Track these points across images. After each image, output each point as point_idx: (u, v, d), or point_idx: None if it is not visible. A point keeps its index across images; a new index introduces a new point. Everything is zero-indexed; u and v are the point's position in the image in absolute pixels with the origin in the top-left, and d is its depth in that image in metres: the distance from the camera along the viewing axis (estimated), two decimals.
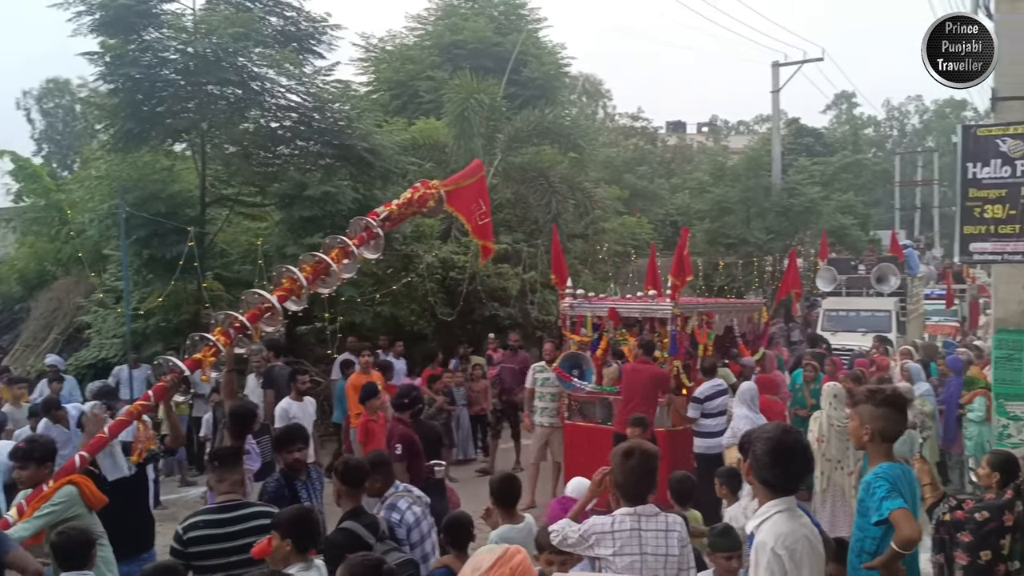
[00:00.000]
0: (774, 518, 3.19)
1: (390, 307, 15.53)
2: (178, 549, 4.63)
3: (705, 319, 11.66)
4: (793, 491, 3.38)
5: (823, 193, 29.29)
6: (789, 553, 3.07)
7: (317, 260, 7.15)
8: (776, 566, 3.06)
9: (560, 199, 17.25)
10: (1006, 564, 5.10)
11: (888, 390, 4.33)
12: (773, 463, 3.31)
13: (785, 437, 3.40)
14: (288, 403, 10.34)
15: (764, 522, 3.19)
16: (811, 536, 3.25)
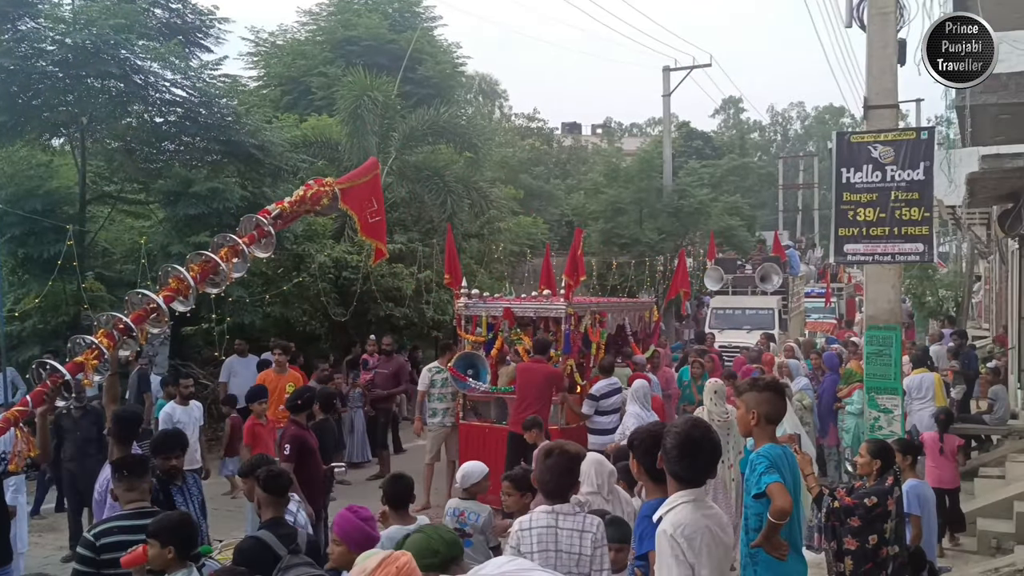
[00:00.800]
0: (678, 508, 3.29)
1: (280, 307, 15.21)
2: (89, 556, 4.52)
3: (598, 318, 11.88)
4: (700, 483, 3.48)
5: (712, 195, 30.23)
6: (687, 541, 3.18)
7: (205, 259, 6.99)
8: (675, 552, 3.15)
9: (455, 198, 17.24)
10: (888, 547, 5.39)
11: (767, 377, 4.60)
12: (681, 456, 3.43)
13: (693, 431, 3.53)
14: (172, 407, 10.09)
15: (669, 512, 3.27)
16: (714, 527, 3.35)
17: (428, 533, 3.08)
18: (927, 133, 7.41)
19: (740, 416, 4.60)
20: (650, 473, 4.01)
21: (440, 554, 2.94)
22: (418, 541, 2.97)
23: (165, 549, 4.17)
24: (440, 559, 2.92)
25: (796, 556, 4.34)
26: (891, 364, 7.52)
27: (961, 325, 23.63)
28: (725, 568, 3.47)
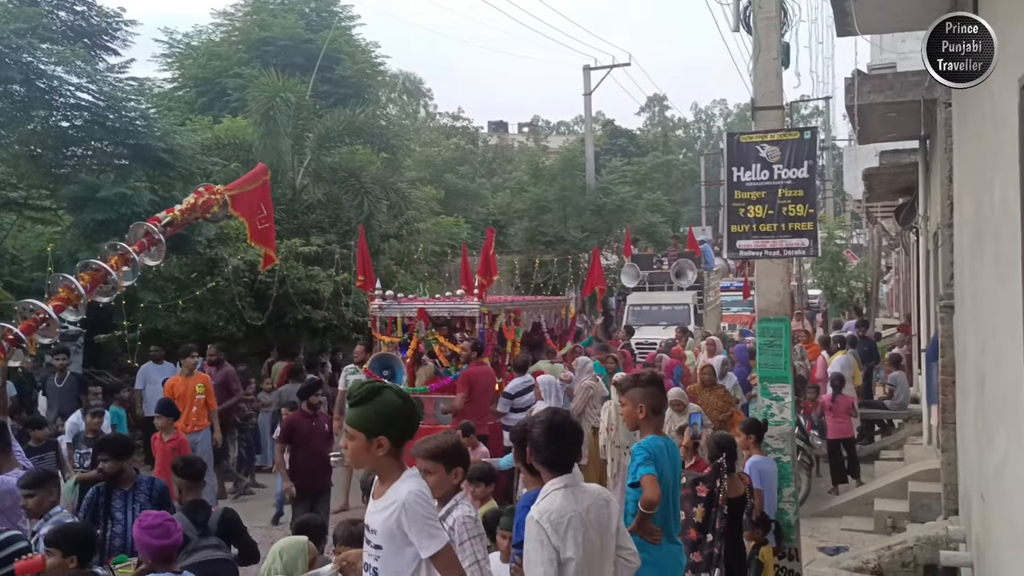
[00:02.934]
0: (549, 495, 3.40)
1: (195, 313, 15.01)
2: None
3: (513, 316, 12.03)
4: (569, 467, 3.62)
5: (634, 192, 30.72)
6: (552, 526, 3.30)
7: (95, 268, 6.94)
8: (540, 536, 3.29)
9: (372, 200, 17.18)
10: (698, 531, 5.73)
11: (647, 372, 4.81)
12: (548, 442, 3.58)
13: (555, 417, 3.74)
14: (78, 417, 9.90)
15: (542, 500, 3.39)
16: (584, 513, 3.46)
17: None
18: (810, 133, 7.69)
19: (627, 412, 4.78)
20: (527, 466, 4.15)
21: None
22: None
23: (67, 559, 4.17)
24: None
25: (669, 541, 4.53)
26: (781, 354, 7.79)
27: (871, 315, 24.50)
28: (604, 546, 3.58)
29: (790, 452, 7.71)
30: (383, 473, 3.42)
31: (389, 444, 3.33)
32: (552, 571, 3.29)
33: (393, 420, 3.34)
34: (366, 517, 3.46)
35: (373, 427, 3.32)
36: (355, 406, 3.39)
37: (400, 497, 3.27)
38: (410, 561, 3.30)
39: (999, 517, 5.35)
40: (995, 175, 5.10)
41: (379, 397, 3.36)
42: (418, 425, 3.55)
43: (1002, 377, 5.09)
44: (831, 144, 39.42)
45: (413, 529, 3.26)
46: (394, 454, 3.37)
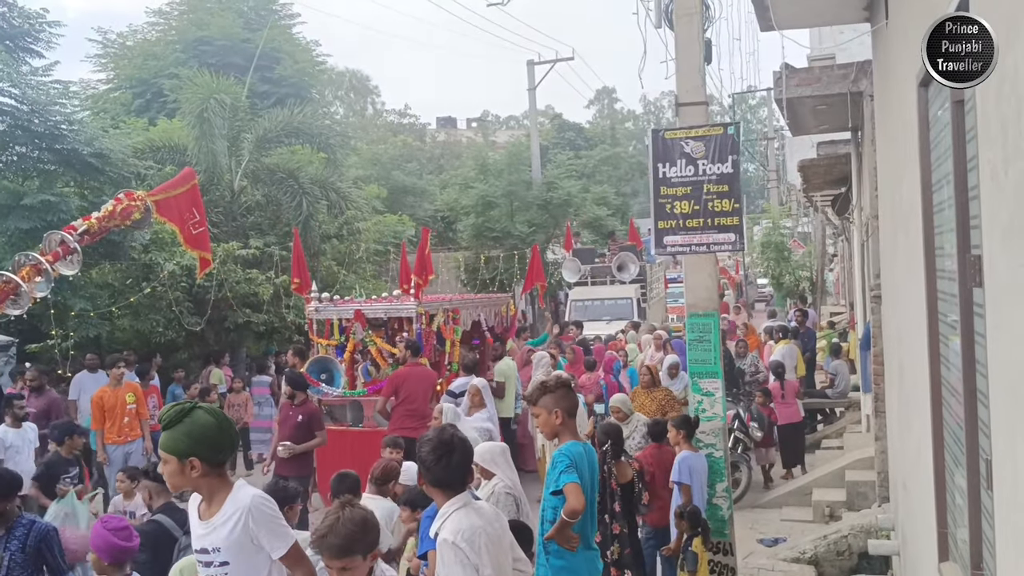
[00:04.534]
0: (452, 516, 3.35)
1: (131, 319, 14.69)
2: None
3: (451, 315, 11.92)
4: (463, 486, 3.55)
5: (580, 185, 30.76)
6: (469, 544, 3.25)
7: (5, 280, 6.71)
8: (459, 557, 3.23)
9: (311, 200, 16.96)
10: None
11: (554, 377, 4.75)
12: (437, 459, 3.50)
13: (443, 435, 3.65)
14: (4, 430, 9.58)
15: (445, 521, 3.33)
16: (489, 528, 3.44)
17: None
18: (733, 129, 7.71)
19: (543, 421, 4.69)
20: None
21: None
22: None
23: None
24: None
25: (586, 548, 4.50)
26: (711, 349, 7.81)
27: (817, 303, 24.83)
28: (506, 560, 3.55)
29: (722, 447, 7.73)
30: (207, 493, 3.36)
31: (201, 464, 3.28)
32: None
33: (203, 440, 3.29)
34: (198, 541, 3.37)
35: (183, 449, 3.28)
36: (165, 429, 3.33)
37: (243, 504, 3.25)
38: (262, 565, 3.29)
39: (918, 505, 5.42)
40: (903, 172, 5.15)
41: (188, 418, 3.31)
42: (235, 443, 3.50)
43: (914, 367, 5.15)
44: (778, 134, 39.93)
45: (263, 531, 3.25)
46: (213, 473, 3.32)
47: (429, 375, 10.41)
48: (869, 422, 11.41)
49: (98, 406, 10.43)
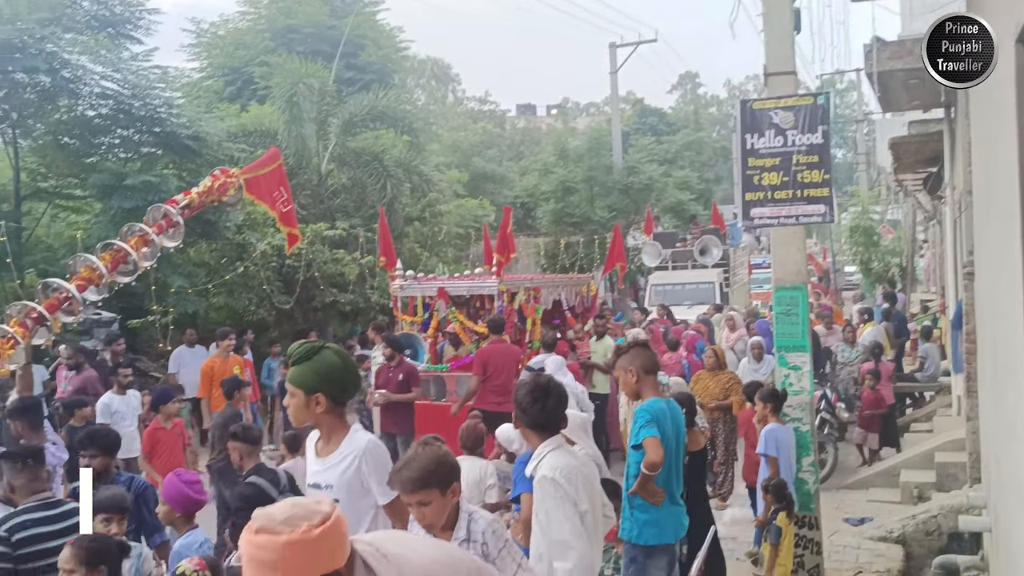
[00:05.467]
0: (548, 455, 3.44)
1: (225, 297, 15.26)
2: (4, 552, 4.41)
3: (532, 294, 12.03)
4: (557, 429, 3.66)
5: (663, 170, 30.51)
6: (567, 480, 3.35)
7: (116, 249, 7.08)
8: (559, 492, 3.32)
9: (395, 182, 17.30)
10: None
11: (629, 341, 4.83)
12: (533, 402, 3.62)
13: (540, 379, 3.82)
14: (111, 397, 10.08)
15: (541, 460, 3.43)
16: (583, 469, 3.54)
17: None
18: (823, 99, 7.61)
19: (623, 382, 4.81)
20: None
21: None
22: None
23: (94, 572, 3.93)
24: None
25: (671, 503, 4.55)
26: (799, 323, 7.73)
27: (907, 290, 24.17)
28: (597, 501, 3.65)
29: (809, 421, 7.67)
30: (327, 430, 3.51)
31: (326, 401, 3.42)
32: (578, 523, 3.34)
33: (329, 378, 3.44)
34: (313, 477, 3.51)
35: (311, 385, 3.43)
36: (295, 365, 3.49)
37: (359, 446, 3.37)
38: (367, 509, 3.40)
39: (1011, 479, 5.31)
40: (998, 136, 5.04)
41: (317, 356, 3.46)
42: (358, 385, 3.66)
43: (1008, 338, 5.05)
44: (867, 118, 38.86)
45: (374, 476, 3.36)
46: (334, 412, 3.47)
47: (513, 351, 10.54)
48: (960, 404, 11.13)
49: (207, 375, 10.81)
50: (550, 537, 3.33)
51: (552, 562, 3.29)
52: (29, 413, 6.40)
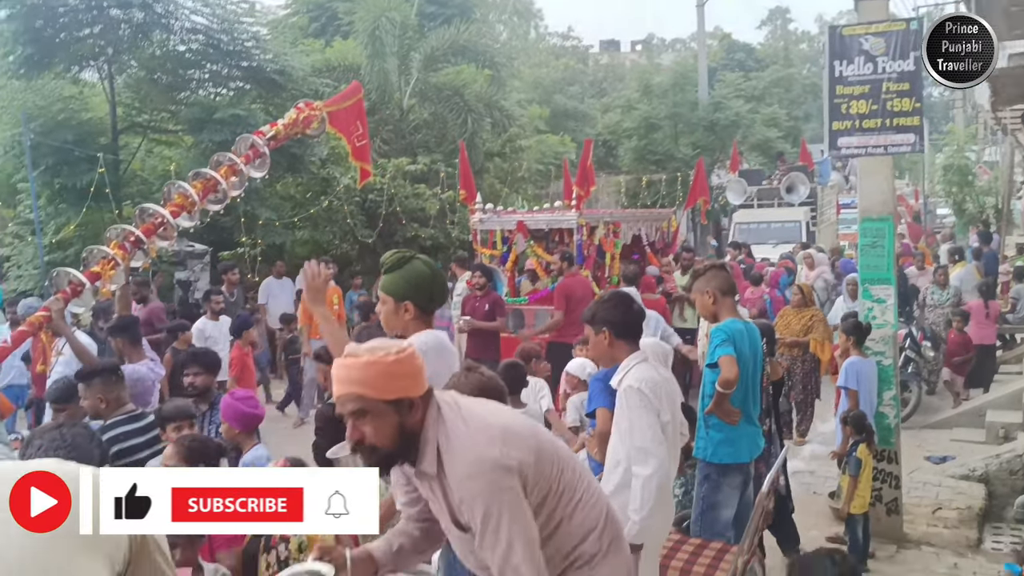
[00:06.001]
0: (635, 367, 3.52)
1: (310, 231, 15.63)
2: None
3: (612, 228, 11.98)
4: (639, 336, 3.74)
5: (750, 107, 29.71)
6: (652, 391, 3.43)
7: (207, 177, 7.31)
8: (644, 402, 3.40)
9: (476, 117, 17.31)
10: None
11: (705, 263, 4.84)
12: (616, 307, 3.70)
13: (619, 292, 4.04)
14: (204, 323, 10.53)
15: (628, 372, 3.50)
16: (667, 383, 3.62)
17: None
18: (916, 23, 7.33)
19: (701, 305, 4.83)
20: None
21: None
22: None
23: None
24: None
25: (748, 423, 4.58)
26: (884, 255, 7.56)
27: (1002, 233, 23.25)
28: (678, 415, 3.71)
29: (891, 355, 7.55)
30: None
31: (414, 309, 3.54)
32: (659, 432, 3.41)
33: (419, 286, 3.55)
34: None
35: (400, 292, 3.55)
36: (386, 273, 3.64)
37: (420, 339, 3.46)
38: None
39: None
40: None
41: (408, 265, 3.59)
42: (445, 296, 3.77)
43: None
44: None
45: (429, 369, 3.48)
46: (422, 320, 3.58)
47: (590, 285, 10.56)
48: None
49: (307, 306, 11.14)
50: (631, 444, 3.40)
51: (632, 467, 3.37)
52: (129, 331, 6.74)
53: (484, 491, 2.34)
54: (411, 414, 2.40)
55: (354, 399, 2.36)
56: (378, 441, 2.38)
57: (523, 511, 2.39)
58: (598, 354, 3.76)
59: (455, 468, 2.38)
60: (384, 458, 2.41)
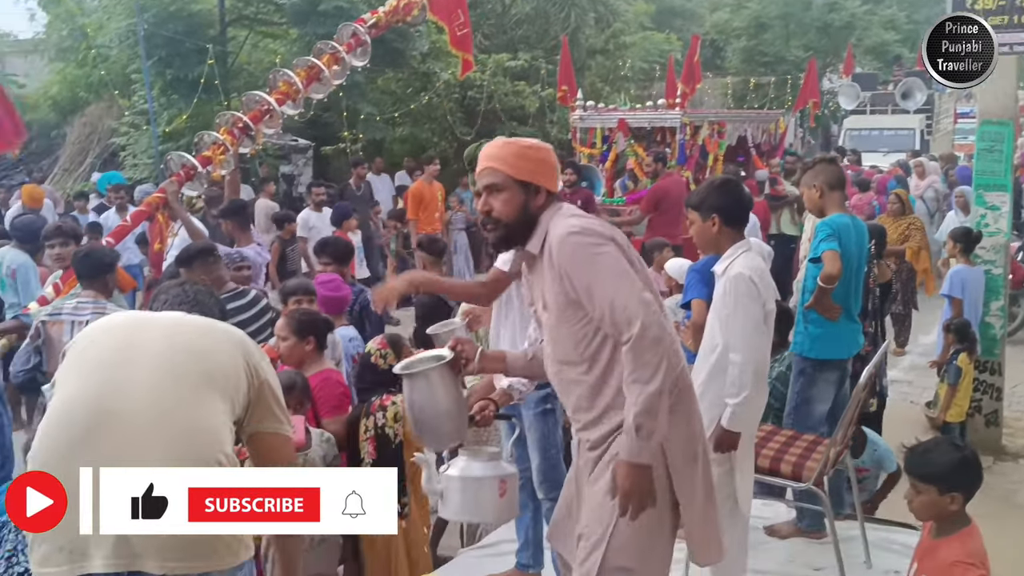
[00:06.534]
0: (742, 255, 3.49)
1: (410, 127, 15.73)
2: None
3: (717, 128, 11.66)
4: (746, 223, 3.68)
5: (867, 8, 28.17)
6: (760, 279, 3.41)
7: (310, 65, 7.40)
8: (749, 289, 3.38)
9: (579, 12, 16.90)
10: None
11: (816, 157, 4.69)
12: (726, 193, 3.63)
13: (729, 178, 3.89)
14: (308, 213, 10.83)
15: (734, 261, 3.49)
16: (767, 270, 3.59)
17: None
18: None
19: (808, 199, 4.72)
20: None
21: None
22: None
23: (304, 341, 4.24)
24: None
25: (848, 320, 4.50)
26: (1002, 160, 7.20)
27: None
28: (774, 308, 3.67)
29: (1002, 264, 7.27)
30: None
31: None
32: (761, 322, 3.39)
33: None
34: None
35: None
36: (469, 167, 3.62)
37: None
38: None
39: None
40: None
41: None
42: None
43: None
44: None
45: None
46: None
47: (685, 185, 10.34)
48: None
49: (416, 199, 11.20)
50: (731, 330, 3.39)
51: (730, 354, 3.37)
52: (239, 214, 7.01)
53: (582, 253, 2.50)
54: (535, 199, 2.63)
55: (491, 173, 2.64)
56: (503, 215, 2.63)
57: (624, 267, 2.51)
58: (703, 241, 3.68)
59: (554, 242, 2.55)
60: (504, 232, 2.66)
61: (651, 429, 2.44)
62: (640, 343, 2.41)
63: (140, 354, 2.29)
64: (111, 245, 6.22)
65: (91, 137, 18.16)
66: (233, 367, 2.35)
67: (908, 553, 4.08)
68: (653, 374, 2.42)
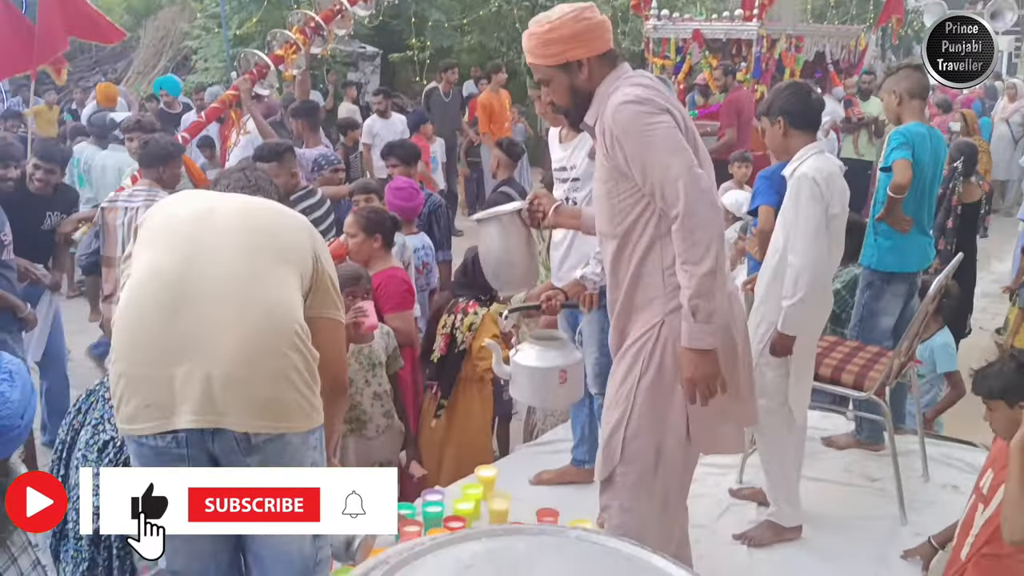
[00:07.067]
0: (811, 157, 3.42)
1: (478, 35, 15.51)
2: None
3: (794, 42, 11.29)
4: (817, 125, 3.61)
5: None
6: (825, 181, 3.33)
7: None
8: (815, 191, 3.31)
9: None
10: None
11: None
12: (793, 95, 3.54)
13: (796, 81, 4.21)
14: (373, 120, 10.84)
15: (803, 163, 3.43)
16: (841, 181, 3.48)
17: None
18: None
19: (886, 105, 4.58)
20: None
21: None
22: None
23: (372, 238, 4.29)
24: None
25: (919, 232, 4.39)
26: None
27: None
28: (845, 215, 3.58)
29: None
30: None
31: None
32: (823, 225, 3.31)
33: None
34: (559, 163, 3.60)
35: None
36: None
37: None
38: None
39: None
40: None
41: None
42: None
43: None
44: None
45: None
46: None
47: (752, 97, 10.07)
48: None
49: (486, 109, 11.10)
50: (793, 231, 3.33)
51: (788, 256, 3.32)
52: (310, 115, 7.07)
53: (636, 123, 2.42)
54: (579, 74, 2.54)
55: (534, 69, 2.63)
56: (559, 101, 2.63)
57: (679, 139, 2.44)
58: (773, 145, 3.61)
59: (609, 110, 2.47)
60: (570, 118, 2.69)
61: (709, 311, 2.40)
62: (689, 221, 2.37)
63: (218, 230, 2.37)
64: (186, 141, 6.34)
65: (164, 40, 18.34)
66: (302, 248, 2.43)
67: (967, 469, 4.09)
68: (704, 254, 2.37)
